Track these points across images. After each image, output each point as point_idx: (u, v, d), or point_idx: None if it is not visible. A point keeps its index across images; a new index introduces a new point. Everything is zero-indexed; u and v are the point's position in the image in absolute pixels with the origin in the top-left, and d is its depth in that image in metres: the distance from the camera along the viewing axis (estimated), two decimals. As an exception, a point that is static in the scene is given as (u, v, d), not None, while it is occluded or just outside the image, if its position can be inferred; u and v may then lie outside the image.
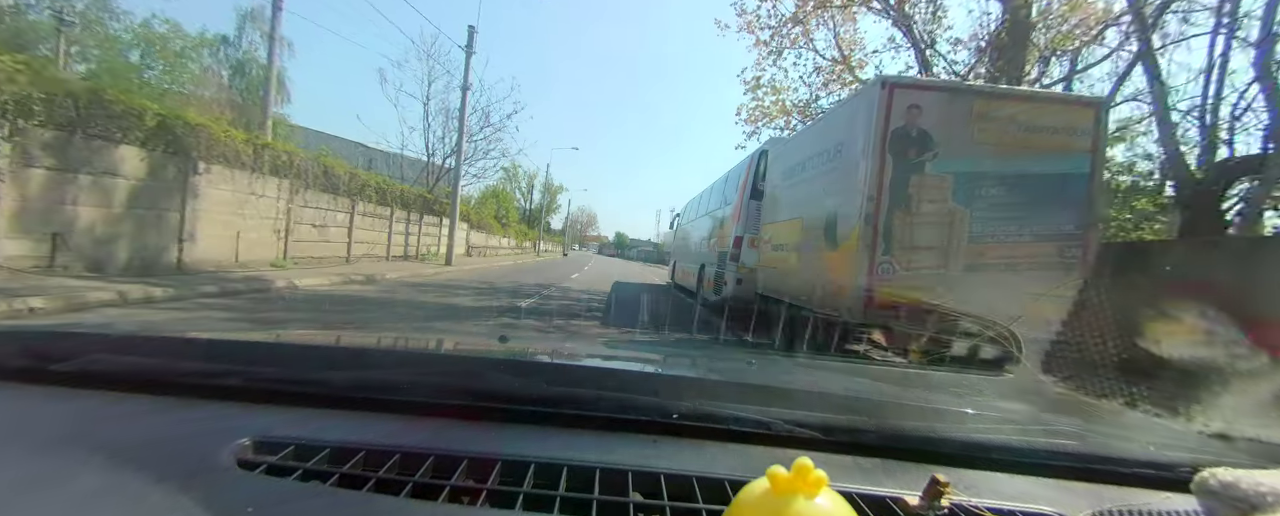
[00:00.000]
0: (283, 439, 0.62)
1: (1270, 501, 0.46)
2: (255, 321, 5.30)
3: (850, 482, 0.61)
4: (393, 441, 0.64)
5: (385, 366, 0.86)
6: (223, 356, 0.86)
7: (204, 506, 0.48)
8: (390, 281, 10.52)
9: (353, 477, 0.57)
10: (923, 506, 0.56)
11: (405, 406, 0.74)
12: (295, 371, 0.78)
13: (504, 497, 0.55)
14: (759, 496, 0.41)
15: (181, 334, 0.96)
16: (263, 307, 6.24)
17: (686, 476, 0.61)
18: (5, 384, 0.74)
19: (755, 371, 1.19)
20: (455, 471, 0.59)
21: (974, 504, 0.59)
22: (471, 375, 0.82)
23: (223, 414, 0.69)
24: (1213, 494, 0.51)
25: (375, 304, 7.47)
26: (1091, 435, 0.83)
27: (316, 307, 6.68)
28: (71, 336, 0.87)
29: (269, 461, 0.58)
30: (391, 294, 8.67)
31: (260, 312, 5.93)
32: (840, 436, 0.73)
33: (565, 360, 1.15)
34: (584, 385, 0.80)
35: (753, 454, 0.70)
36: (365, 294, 8.39)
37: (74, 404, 0.69)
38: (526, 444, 0.66)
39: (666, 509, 0.56)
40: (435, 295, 8.88)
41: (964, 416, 0.89)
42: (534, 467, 0.61)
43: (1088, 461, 0.73)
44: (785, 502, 0.39)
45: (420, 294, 8.93)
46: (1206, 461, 0.60)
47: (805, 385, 1.08)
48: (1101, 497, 0.67)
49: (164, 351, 0.85)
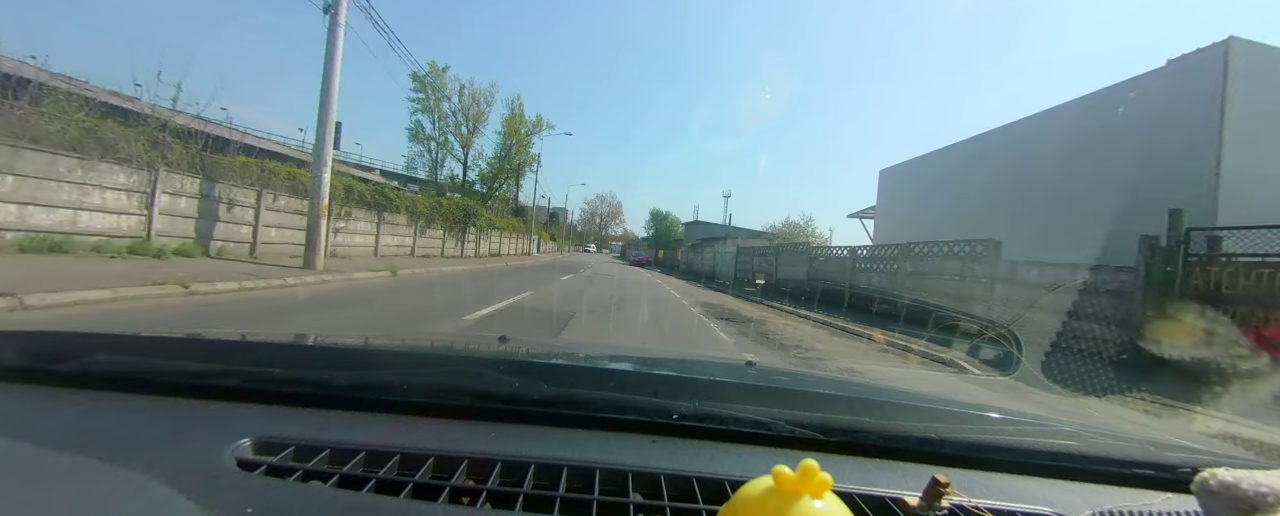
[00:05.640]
0: (283, 439, 0.62)
1: (1270, 501, 0.46)
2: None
3: (850, 483, 0.61)
4: (393, 442, 0.64)
5: (385, 367, 0.85)
6: (223, 356, 0.86)
7: (204, 506, 0.47)
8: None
9: (353, 478, 0.57)
10: (923, 506, 0.56)
11: (405, 407, 0.74)
12: (295, 371, 0.78)
13: (504, 498, 0.55)
14: (759, 495, 0.41)
15: (182, 334, 0.96)
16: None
17: (686, 476, 0.61)
18: (6, 384, 0.74)
19: (755, 371, 1.18)
20: (455, 472, 0.59)
21: (974, 504, 0.59)
22: (471, 375, 0.82)
23: (223, 414, 0.69)
24: (1213, 494, 0.51)
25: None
26: (1091, 435, 0.83)
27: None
28: (71, 336, 0.87)
29: (269, 462, 0.58)
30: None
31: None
32: (840, 436, 0.73)
33: (565, 360, 1.15)
34: (583, 385, 0.80)
35: (753, 454, 0.70)
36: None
37: (74, 404, 0.69)
38: (526, 444, 0.66)
39: (666, 509, 0.56)
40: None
41: (964, 416, 0.89)
42: (534, 468, 0.61)
43: (1087, 461, 0.73)
44: (786, 502, 0.39)
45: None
46: (1206, 461, 0.60)
47: (805, 385, 1.08)
48: (1101, 497, 0.67)
49: (164, 351, 0.85)
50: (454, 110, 30.38)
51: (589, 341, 4.78)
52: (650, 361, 1.22)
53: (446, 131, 30.70)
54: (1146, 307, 6.69)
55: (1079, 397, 5.14)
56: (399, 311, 6.69)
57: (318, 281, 8.62)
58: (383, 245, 16.17)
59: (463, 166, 31.54)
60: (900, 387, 1.17)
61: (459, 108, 30.43)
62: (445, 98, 29.63)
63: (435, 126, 30.27)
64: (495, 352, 1.12)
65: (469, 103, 30.69)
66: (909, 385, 1.49)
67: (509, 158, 32.56)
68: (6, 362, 0.76)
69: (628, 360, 1.17)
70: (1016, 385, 5.08)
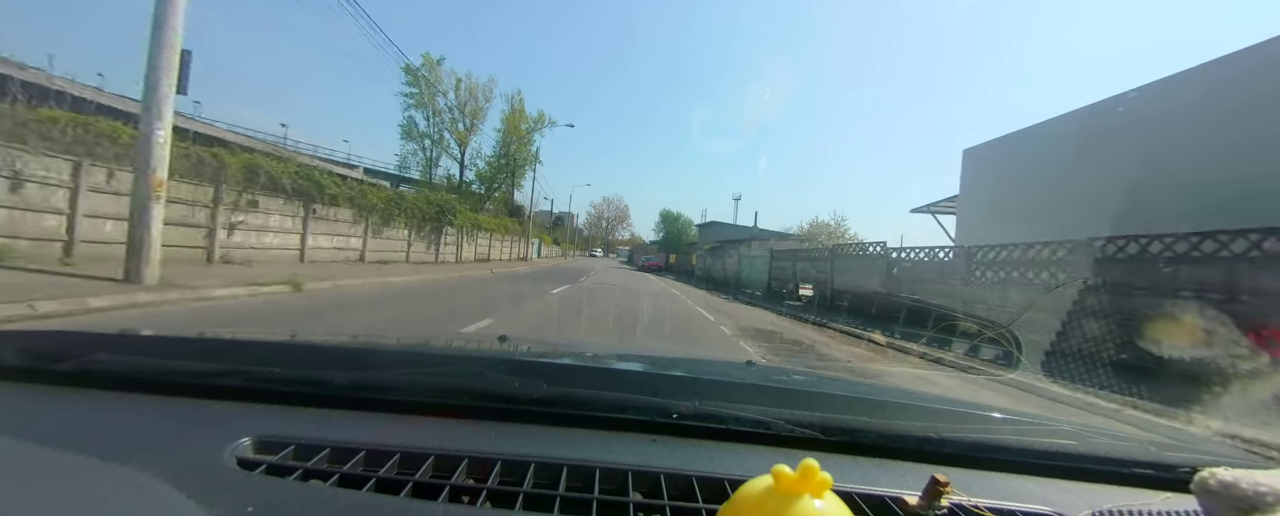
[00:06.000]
0: (283, 438, 0.62)
1: (1270, 501, 0.46)
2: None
3: (850, 482, 0.61)
4: (393, 441, 0.64)
5: (385, 366, 0.86)
6: (223, 356, 0.86)
7: (204, 506, 0.48)
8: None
9: (353, 477, 0.57)
10: (922, 506, 0.56)
11: (405, 406, 0.74)
12: (295, 371, 0.78)
13: (504, 497, 0.55)
14: (758, 494, 0.41)
15: (181, 334, 0.96)
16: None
17: (686, 476, 0.61)
18: (6, 383, 0.74)
19: (755, 371, 1.19)
20: (455, 471, 0.59)
21: (974, 503, 0.59)
22: (471, 375, 0.82)
23: (223, 414, 0.69)
24: (1213, 494, 0.51)
25: None
26: (1091, 435, 0.83)
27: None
28: (72, 336, 0.87)
29: (269, 461, 0.58)
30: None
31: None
32: (840, 436, 0.73)
33: (565, 360, 1.15)
34: (583, 385, 0.80)
35: (752, 453, 0.70)
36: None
37: (76, 403, 0.69)
38: (526, 443, 0.66)
39: (666, 508, 0.56)
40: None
41: (964, 416, 0.89)
42: (534, 467, 0.61)
43: (1087, 461, 0.73)
44: (785, 501, 0.39)
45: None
46: (1206, 461, 0.60)
47: (805, 385, 1.08)
48: (1101, 497, 0.67)
49: (164, 351, 0.85)
50: (450, 106, 28.65)
51: (589, 341, 4.78)
52: (650, 360, 1.22)
53: (442, 128, 28.96)
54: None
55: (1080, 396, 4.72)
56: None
57: (150, 302, 5.47)
58: (315, 248, 12.46)
59: (459, 166, 29.76)
60: (900, 387, 1.17)
61: (455, 103, 28.65)
62: (441, 92, 27.74)
63: (430, 123, 28.55)
64: (495, 352, 1.13)
65: (466, 98, 28.93)
66: (909, 384, 1.48)
67: (509, 156, 30.63)
68: (8, 362, 0.76)
69: (628, 359, 1.17)
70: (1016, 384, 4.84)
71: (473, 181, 30.19)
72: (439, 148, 29.29)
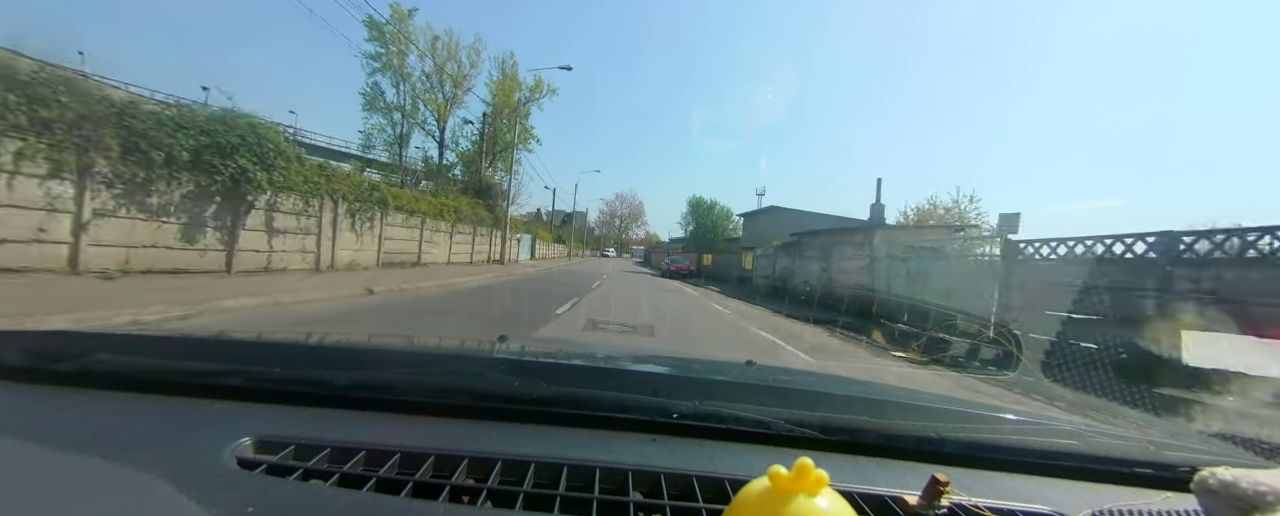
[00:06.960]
0: (283, 438, 0.62)
1: (1270, 501, 0.47)
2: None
3: (850, 482, 0.61)
4: (393, 441, 0.64)
5: (385, 366, 0.86)
6: (223, 356, 0.87)
7: (204, 505, 0.48)
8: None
9: (353, 477, 0.57)
10: (922, 506, 0.56)
11: (405, 406, 0.74)
12: (295, 371, 0.78)
13: (504, 497, 0.55)
14: (759, 495, 0.41)
15: (181, 334, 0.96)
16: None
17: (686, 475, 0.61)
18: (7, 383, 0.74)
19: (755, 371, 1.19)
20: (455, 471, 0.59)
21: (974, 503, 0.59)
22: (471, 375, 0.82)
23: (223, 414, 0.69)
24: (1213, 493, 0.51)
25: None
26: (1091, 435, 0.83)
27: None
28: (72, 336, 0.87)
29: (269, 461, 0.58)
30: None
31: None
32: (840, 436, 0.73)
33: (565, 360, 1.15)
34: (583, 384, 0.80)
35: (752, 453, 0.70)
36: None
37: (76, 403, 0.69)
38: (526, 443, 0.66)
39: (667, 508, 0.56)
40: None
41: (964, 416, 0.89)
42: (534, 467, 0.61)
43: (1087, 461, 0.74)
44: (785, 501, 0.39)
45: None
46: (1206, 461, 0.60)
47: (805, 385, 1.08)
48: (1101, 497, 0.67)
49: (164, 351, 0.85)
50: (426, 71, 21.77)
51: (589, 341, 4.78)
52: (650, 360, 1.22)
53: (416, 98, 22.35)
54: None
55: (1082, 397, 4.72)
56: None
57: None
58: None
59: (438, 144, 22.96)
60: (900, 387, 1.17)
61: (434, 68, 21.81)
62: (415, 53, 20.83)
63: (399, 91, 21.79)
64: (495, 352, 1.13)
65: (446, 59, 21.97)
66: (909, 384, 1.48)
67: (498, 132, 23.26)
68: (9, 362, 0.76)
69: (628, 359, 1.17)
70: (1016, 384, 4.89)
71: (455, 164, 23.75)
72: (412, 122, 22.87)
